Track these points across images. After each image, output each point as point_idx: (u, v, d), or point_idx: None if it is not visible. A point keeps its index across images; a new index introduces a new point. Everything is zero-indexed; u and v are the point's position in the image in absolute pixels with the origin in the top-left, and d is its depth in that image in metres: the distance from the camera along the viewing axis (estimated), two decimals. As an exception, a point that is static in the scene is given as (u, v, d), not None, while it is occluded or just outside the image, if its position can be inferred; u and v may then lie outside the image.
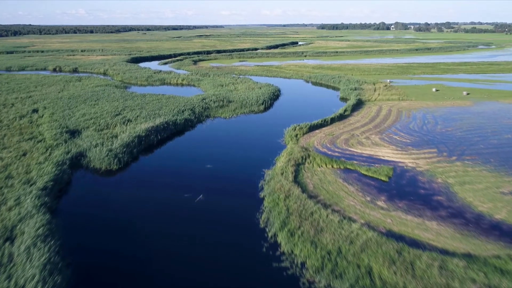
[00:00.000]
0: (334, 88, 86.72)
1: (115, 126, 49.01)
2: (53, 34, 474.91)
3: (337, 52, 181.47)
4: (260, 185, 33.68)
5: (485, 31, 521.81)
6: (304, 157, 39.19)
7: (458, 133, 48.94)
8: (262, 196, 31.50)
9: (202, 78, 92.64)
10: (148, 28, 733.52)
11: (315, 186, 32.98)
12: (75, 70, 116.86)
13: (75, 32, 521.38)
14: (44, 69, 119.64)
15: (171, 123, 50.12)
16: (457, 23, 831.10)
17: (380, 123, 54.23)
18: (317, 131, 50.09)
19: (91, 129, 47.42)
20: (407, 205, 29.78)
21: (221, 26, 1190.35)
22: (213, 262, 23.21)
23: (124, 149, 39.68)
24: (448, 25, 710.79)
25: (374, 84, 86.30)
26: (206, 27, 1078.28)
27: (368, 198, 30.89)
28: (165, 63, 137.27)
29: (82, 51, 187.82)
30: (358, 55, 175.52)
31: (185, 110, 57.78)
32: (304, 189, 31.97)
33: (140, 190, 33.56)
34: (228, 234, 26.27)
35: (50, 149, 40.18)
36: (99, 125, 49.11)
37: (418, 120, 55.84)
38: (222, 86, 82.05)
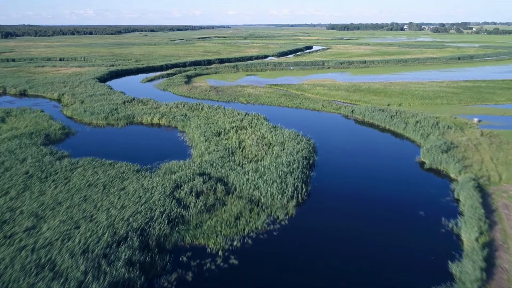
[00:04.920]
0: (397, 135, 54.73)
1: None
2: (49, 36, 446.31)
3: (365, 61, 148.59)
4: None
5: (510, 32, 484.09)
6: None
7: None
8: None
9: (191, 115, 60.94)
10: (152, 29, 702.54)
11: None
12: (23, 93, 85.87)
13: (72, 34, 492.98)
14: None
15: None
16: (469, 23, 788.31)
17: None
18: None
19: None
20: None
21: (228, 26, 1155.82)
22: None
23: None
24: (464, 25, 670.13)
25: (461, 129, 54.10)
26: (213, 27, 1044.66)
27: None
28: (151, 80, 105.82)
29: (60, 59, 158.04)
30: (393, 66, 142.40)
31: (129, 234, 26.12)
32: None
33: None
34: None
35: None
36: None
37: None
38: (218, 135, 50.50)
